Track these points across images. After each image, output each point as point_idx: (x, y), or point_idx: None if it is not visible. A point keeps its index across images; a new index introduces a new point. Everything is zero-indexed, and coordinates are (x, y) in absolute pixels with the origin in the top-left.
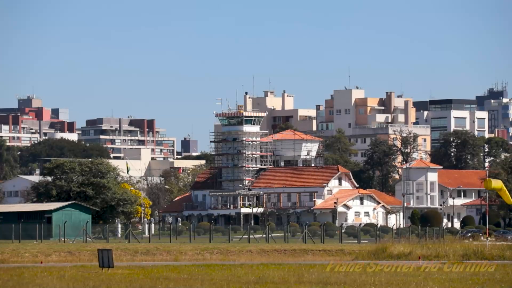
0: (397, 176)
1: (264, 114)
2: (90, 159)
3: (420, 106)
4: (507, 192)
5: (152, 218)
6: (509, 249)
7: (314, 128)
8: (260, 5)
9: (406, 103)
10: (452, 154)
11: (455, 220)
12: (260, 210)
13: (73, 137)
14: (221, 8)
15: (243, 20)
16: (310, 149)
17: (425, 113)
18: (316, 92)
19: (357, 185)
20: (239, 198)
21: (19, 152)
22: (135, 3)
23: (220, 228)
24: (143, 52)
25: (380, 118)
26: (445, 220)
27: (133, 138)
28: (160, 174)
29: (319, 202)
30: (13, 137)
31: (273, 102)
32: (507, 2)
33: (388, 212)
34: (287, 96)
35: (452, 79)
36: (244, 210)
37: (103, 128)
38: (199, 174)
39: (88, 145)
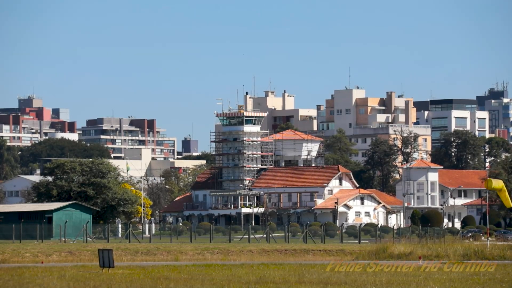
0: (397, 176)
1: (264, 114)
2: (90, 159)
3: (420, 106)
4: (507, 194)
5: (152, 218)
6: (509, 249)
7: (315, 128)
8: (260, 5)
9: (406, 103)
10: (453, 154)
11: (456, 220)
12: (261, 210)
13: (73, 137)
14: (221, 8)
15: (243, 20)
16: (310, 149)
17: (426, 113)
18: (316, 92)
19: (357, 185)
20: (239, 198)
21: (19, 152)
22: (135, 3)
23: (221, 228)
24: (143, 52)
25: (381, 118)
26: (445, 220)
27: (133, 138)
28: (160, 174)
29: (319, 202)
30: (14, 137)
31: (273, 102)
32: (507, 2)
33: (388, 212)
34: (288, 96)
35: (452, 79)
36: (245, 210)
37: (104, 128)
38: (199, 174)
39: (88, 145)
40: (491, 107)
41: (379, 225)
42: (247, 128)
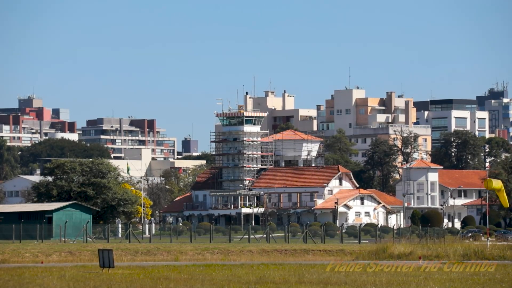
0: (397, 176)
1: (264, 114)
2: (90, 159)
3: (420, 106)
4: (505, 194)
5: (152, 218)
6: (509, 249)
7: (315, 128)
8: (260, 5)
9: (406, 103)
10: (453, 154)
11: (456, 220)
12: (261, 210)
13: (73, 137)
14: (221, 8)
15: (243, 20)
16: (310, 149)
17: (426, 113)
18: (316, 92)
19: (357, 185)
20: (239, 198)
21: (19, 152)
22: (135, 3)
23: (221, 228)
24: (143, 52)
25: (381, 118)
26: (445, 220)
27: (133, 138)
28: (160, 174)
29: (319, 202)
30: (14, 137)
31: (273, 102)
32: (507, 2)
33: (388, 212)
34: (288, 96)
35: (452, 79)
36: (245, 210)
37: (104, 128)
38: (199, 174)
39: (88, 145)
40: (491, 107)
41: (379, 225)
42: (247, 128)
